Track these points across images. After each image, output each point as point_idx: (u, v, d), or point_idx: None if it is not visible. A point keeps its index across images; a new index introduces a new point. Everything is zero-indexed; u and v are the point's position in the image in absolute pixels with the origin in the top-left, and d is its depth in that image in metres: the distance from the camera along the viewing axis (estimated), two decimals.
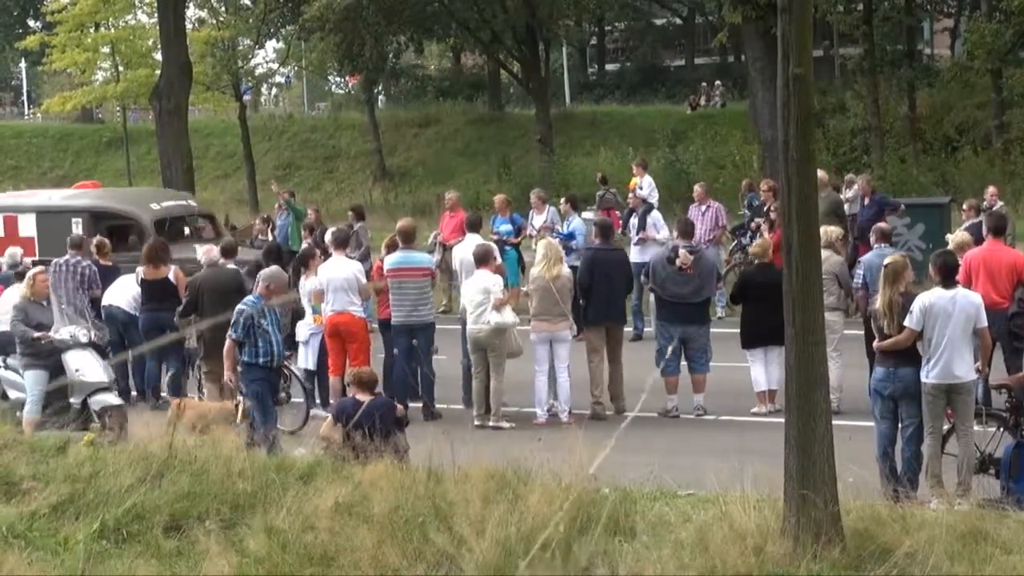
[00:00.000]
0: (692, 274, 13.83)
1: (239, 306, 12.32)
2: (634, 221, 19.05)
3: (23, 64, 62.27)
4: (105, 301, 15.94)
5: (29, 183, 47.70)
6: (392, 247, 14.70)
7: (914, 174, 33.31)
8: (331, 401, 13.78)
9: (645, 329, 17.85)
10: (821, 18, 36.94)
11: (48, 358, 13.38)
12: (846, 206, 20.03)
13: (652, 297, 14.21)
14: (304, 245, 18.59)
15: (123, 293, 15.80)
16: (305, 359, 14.65)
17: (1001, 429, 10.44)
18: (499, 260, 14.94)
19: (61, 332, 13.51)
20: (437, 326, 14.81)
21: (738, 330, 14.19)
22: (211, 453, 10.09)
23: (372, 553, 7.73)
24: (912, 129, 36.57)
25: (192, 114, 40.46)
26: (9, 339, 16.33)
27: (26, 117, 62.90)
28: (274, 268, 13.32)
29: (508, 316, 13.82)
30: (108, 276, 16.60)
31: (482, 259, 13.99)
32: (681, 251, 13.89)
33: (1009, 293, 12.70)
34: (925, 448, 10.15)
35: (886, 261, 10.66)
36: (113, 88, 39.32)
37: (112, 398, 13.41)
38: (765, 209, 19.09)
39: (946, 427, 10.26)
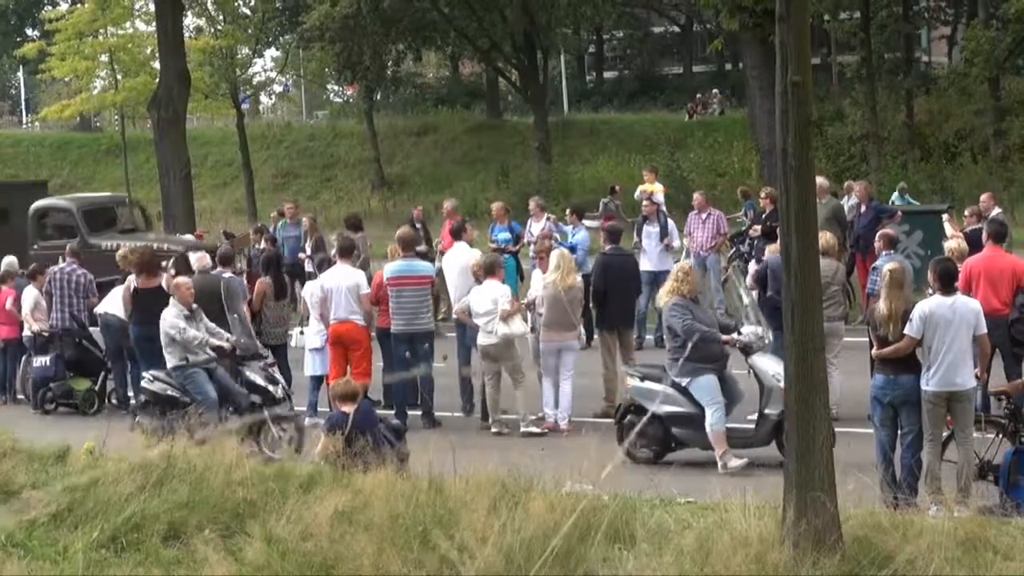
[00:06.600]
0: None
1: None
2: (650, 229, 18.43)
3: (21, 72, 62.29)
4: (100, 309, 15.95)
5: None
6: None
7: (913, 181, 33.34)
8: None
9: (647, 337, 17.87)
10: (819, 25, 37.06)
11: (718, 361, 12.05)
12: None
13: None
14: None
15: (118, 301, 15.79)
16: (313, 366, 14.68)
17: (1000, 435, 10.45)
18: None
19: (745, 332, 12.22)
20: (438, 334, 14.81)
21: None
22: (210, 462, 10.07)
23: (373, 561, 7.71)
24: (910, 136, 36.64)
25: (190, 122, 40.41)
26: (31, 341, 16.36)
27: (24, 126, 62.86)
28: None
29: (516, 327, 13.72)
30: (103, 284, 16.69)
31: (491, 269, 13.95)
32: None
33: (1010, 299, 12.66)
34: (925, 455, 10.14)
35: (889, 269, 10.62)
36: (112, 96, 39.29)
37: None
38: (763, 217, 19.08)
39: (945, 434, 10.26)
